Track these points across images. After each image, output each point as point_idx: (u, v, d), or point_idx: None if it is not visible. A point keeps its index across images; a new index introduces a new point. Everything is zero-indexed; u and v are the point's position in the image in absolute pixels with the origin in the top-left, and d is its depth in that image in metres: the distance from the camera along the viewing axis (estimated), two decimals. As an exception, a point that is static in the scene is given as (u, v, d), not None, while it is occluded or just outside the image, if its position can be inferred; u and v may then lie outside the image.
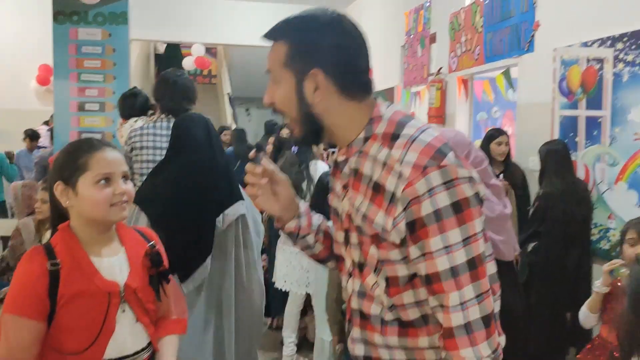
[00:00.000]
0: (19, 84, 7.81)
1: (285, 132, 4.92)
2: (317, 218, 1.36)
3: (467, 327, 1.03)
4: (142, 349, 1.53)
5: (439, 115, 5.44)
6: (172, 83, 3.19)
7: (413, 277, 1.10)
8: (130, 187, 1.49)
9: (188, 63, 9.46)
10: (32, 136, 6.67)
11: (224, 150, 2.75)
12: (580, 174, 3.59)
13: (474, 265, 1.03)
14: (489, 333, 1.05)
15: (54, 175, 1.49)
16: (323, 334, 3.09)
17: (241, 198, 2.37)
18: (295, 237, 1.33)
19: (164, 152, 2.79)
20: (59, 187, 1.46)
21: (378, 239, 1.10)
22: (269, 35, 1.16)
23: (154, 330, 1.57)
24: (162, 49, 12.10)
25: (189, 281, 2.24)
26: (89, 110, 5.96)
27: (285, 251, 3.62)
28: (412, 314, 1.13)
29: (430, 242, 1.02)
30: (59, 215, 1.51)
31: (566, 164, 3.42)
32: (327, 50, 1.11)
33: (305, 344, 4.08)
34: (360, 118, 1.15)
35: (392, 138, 1.10)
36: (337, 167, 1.24)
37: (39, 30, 6.69)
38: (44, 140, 6.77)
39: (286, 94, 1.14)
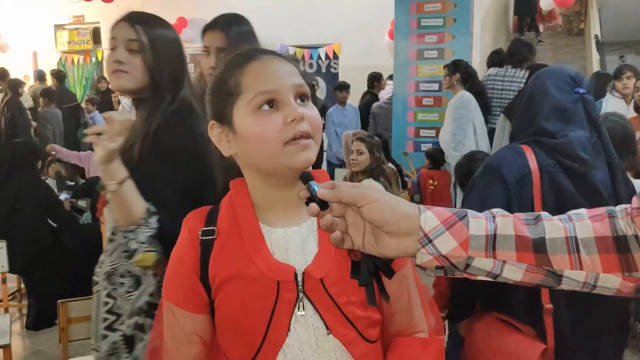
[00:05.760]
0: (374, 42, 8.31)
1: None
2: (476, 224, 0.73)
3: None
4: None
5: None
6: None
7: None
8: (313, 113, 0.91)
9: (546, 2, 8.21)
10: (340, 89, 6.44)
11: None
12: None
13: None
14: None
15: (208, 110, 1.00)
16: None
17: None
18: (447, 270, 0.74)
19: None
20: (214, 129, 0.97)
21: None
22: None
23: (365, 352, 0.93)
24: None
25: None
26: (427, 58, 5.61)
27: None
28: None
29: None
30: (228, 167, 1.02)
31: None
32: None
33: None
34: None
35: None
36: None
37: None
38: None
39: None
